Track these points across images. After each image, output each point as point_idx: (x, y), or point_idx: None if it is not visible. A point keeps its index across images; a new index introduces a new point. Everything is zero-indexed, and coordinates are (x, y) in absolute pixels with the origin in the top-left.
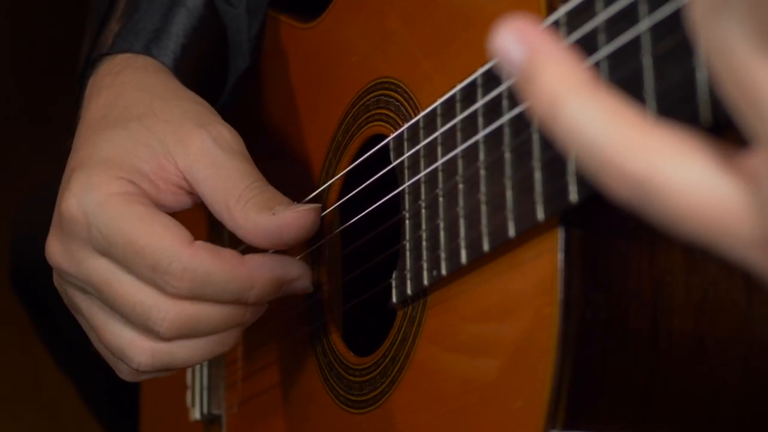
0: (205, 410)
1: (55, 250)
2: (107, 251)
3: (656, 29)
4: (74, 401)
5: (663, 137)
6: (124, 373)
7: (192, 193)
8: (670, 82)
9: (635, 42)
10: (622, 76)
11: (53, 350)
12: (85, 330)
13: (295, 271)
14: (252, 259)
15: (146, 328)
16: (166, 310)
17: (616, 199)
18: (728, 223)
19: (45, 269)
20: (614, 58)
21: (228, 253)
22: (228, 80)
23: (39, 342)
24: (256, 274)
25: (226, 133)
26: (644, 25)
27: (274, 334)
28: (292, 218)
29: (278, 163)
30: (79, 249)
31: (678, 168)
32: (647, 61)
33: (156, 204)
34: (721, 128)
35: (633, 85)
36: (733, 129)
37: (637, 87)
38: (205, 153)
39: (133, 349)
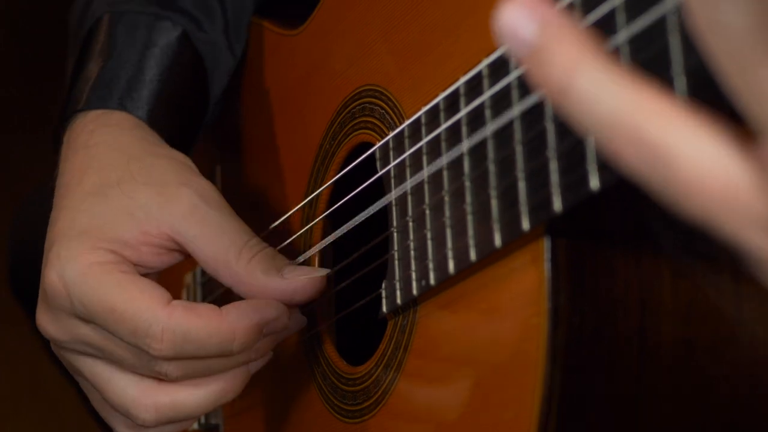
0: (203, 419)
1: (46, 322)
2: (90, 319)
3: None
4: (74, 402)
5: (681, 111)
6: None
7: (176, 251)
8: (697, 60)
9: (661, 22)
10: (646, 58)
11: (53, 353)
12: (86, 391)
13: (273, 313)
14: (230, 310)
15: (151, 374)
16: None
17: (627, 169)
18: (737, 202)
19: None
20: (636, 40)
21: (204, 309)
22: (208, 107)
23: (38, 342)
24: (236, 325)
25: (209, 188)
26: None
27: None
28: (305, 283)
29: (266, 170)
30: (68, 319)
31: (694, 141)
32: (674, 40)
33: (139, 265)
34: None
35: (659, 65)
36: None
37: (664, 67)
38: (193, 211)
39: (138, 406)
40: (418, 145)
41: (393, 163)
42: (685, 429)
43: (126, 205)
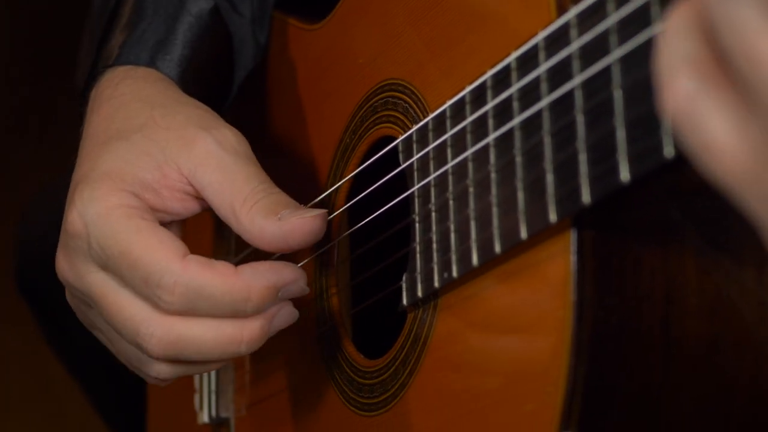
0: (214, 413)
1: (62, 265)
2: (105, 263)
3: None
4: (82, 402)
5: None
6: (151, 381)
7: (199, 198)
8: None
9: (648, 43)
10: (636, 80)
11: (60, 352)
12: (105, 344)
13: (290, 275)
14: (245, 269)
15: (136, 345)
16: (155, 326)
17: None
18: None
19: (51, 271)
20: (627, 61)
21: (221, 266)
22: (233, 88)
23: (46, 342)
24: (252, 284)
25: (230, 135)
26: (658, 27)
27: (283, 338)
28: (297, 224)
29: (285, 165)
30: (82, 263)
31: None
32: None
33: (163, 212)
34: None
35: (645, 88)
36: None
37: (651, 90)
38: (209, 156)
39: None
40: (442, 138)
41: (417, 156)
42: (706, 425)
43: (147, 148)
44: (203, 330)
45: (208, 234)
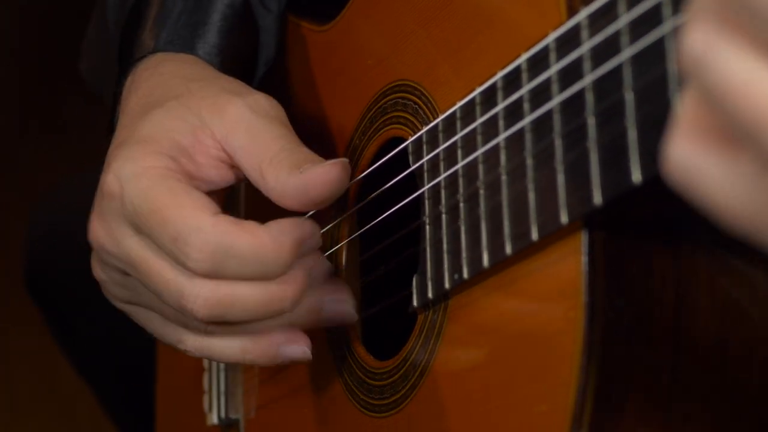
0: (223, 414)
1: (98, 232)
2: (135, 222)
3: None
4: (90, 403)
5: None
6: (190, 342)
7: (233, 166)
8: None
9: (659, 44)
10: (647, 81)
11: (67, 351)
12: (137, 318)
13: (309, 229)
14: (272, 226)
15: (180, 307)
16: (200, 286)
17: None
18: None
19: (59, 271)
20: (638, 61)
21: (249, 224)
22: (253, 82)
23: (54, 343)
24: (283, 240)
25: (263, 100)
26: (668, 26)
27: None
28: (318, 173)
29: None
30: (118, 227)
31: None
32: (672, 66)
33: (199, 180)
34: None
35: (659, 89)
36: None
37: (662, 91)
38: (240, 120)
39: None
40: (453, 139)
41: (426, 157)
42: (715, 425)
43: (181, 112)
44: (249, 288)
45: None
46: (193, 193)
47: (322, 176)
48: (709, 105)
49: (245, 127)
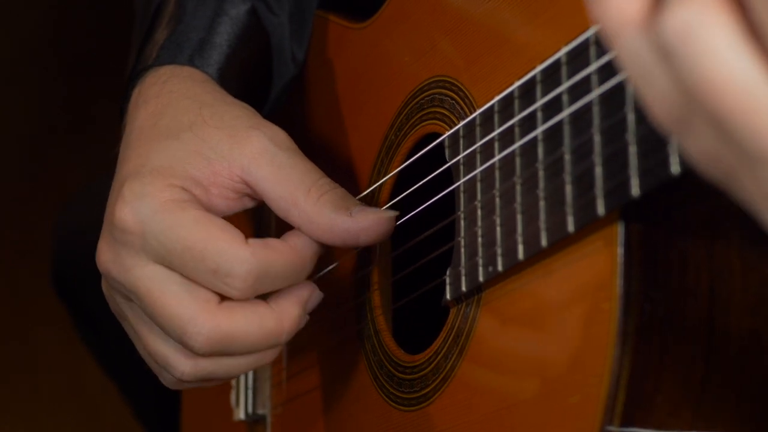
0: (250, 410)
1: (106, 257)
2: (164, 259)
3: None
4: (115, 401)
5: None
6: (168, 381)
7: (246, 196)
8: None
9: None
10: None
11: (94, 350)
12: (131, 337)
13: (317, 242)
14: (294, 240)
15: (181, 341)
16: (202, 324)
17: None
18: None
19: (86, 271)
20: None
21: (276, 242)
22: (273, 88)
23: (81, 342)
24: (305, 253)
25: (280, 132)
26: None
27: (320, 334)
28: (373, 222)
29: (328, 161)
30: (130, 257)
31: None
32: None
33: (208, 209)
34: None
35: None
36: None
37: None
38: (263, 152)
39: (177, 359)
40: (491, 134)
41: (464, 153)
42: (746, 419)
43: (198, 146)
44: (247, 323)
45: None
46: (219, 221)
47: (374, 226)
48: None
49: (269, 159)
